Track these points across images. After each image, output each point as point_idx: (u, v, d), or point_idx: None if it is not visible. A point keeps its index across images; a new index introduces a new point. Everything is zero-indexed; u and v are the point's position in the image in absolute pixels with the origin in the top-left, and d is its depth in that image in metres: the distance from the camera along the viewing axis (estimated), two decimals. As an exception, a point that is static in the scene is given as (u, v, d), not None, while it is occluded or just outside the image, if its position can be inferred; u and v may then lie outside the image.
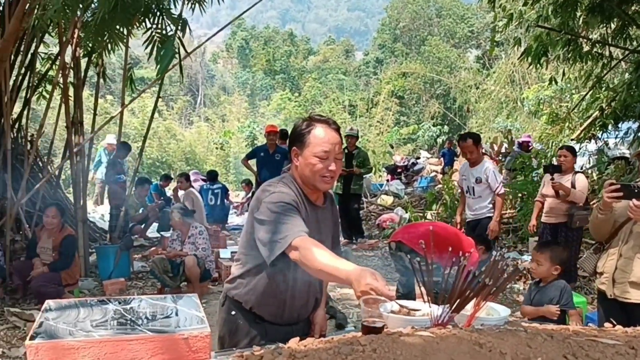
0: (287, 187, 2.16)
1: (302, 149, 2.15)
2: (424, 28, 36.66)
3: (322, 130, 2.14)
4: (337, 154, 2.15)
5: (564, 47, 9.03)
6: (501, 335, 1.59)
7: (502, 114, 22.57)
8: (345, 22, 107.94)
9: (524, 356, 1.47)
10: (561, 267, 3.80)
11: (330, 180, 2.16)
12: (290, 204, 2.06)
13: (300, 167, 2.17)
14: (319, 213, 2.25)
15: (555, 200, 6.15)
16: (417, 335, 1.54)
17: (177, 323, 1.95)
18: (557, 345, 1.61)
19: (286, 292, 2.19)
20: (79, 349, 1.75)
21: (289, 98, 30.51)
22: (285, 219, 2.00)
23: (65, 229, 6.03)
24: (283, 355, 1.33)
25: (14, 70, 7.63)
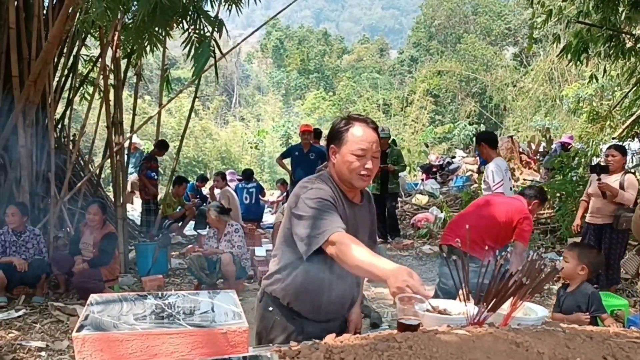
0: (325, 184, 2.19)
1: (339, 147, 2.17)
2: (460, 26, 36.18)
3: (360, 128, 2.16)
4: (374, 153, 2.16)
5: (605, 43, 8.78)
6: (539, 335, 1.58)
7: (540, 113, 22.16)
8: (379, 21, 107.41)
9: (562, 356, 1.46)
10: (589, 270, 3.60)
11: (367, 178, 2.17)
12: (328, 200, 2.09)
13: (337, 164, 2.19)
14: (356, 210, 2.26)
15: (602, 200, 5.95)
16: (453, 333, 1.54)
17: (215, 318, 2.00)
18: (597, 346, 1.59)
19: (323, 288, 2.21)
20: (123, 341, 1.81)
21: (323, 97, 30.57)
22: (322, 214, 2.03)
23: (107, 226, 6.19)
24: (320, 350, 1.35)
25: (57, 72, 7.90)
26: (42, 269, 5.88)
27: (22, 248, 5.92)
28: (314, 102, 29.73)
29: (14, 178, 6.75)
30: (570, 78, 20.20)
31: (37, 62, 6.14)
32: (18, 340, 4.78)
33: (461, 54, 31.49)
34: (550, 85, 21.22)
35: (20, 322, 5.24)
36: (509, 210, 4.39)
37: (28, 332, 5.04)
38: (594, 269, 3.70)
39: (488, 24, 34.78)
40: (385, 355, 1.35)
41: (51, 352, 4.64)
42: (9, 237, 5.88)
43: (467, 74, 28.53)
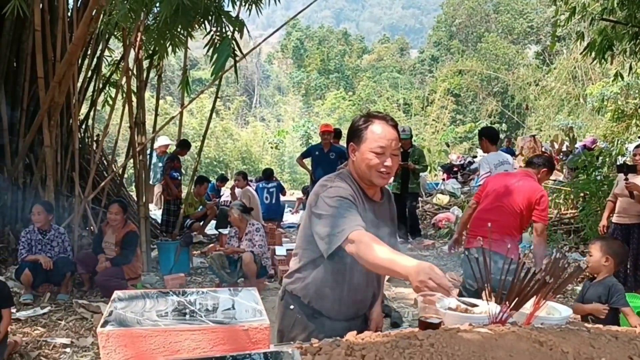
0: (344, 182, 2.18)
1: (359, 145, 2.17)
2: (481, 24, 35.86)
3: (379, 126, 2.16)
4: (393, 150, 2.15)
5: (630, 40, 8.60)
6: (562, 334, 1.56)
7: (563, 112, 21.87)
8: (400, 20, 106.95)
9: (586, 356, 1.44)
10: (614, 260, 3.61)
11: (387, 176, 2.17)
12: (348, 199, 2.09)
13: (357, 162, 2.19)
14: (376, 208, 2.26)
15: (629, 200, 5.87)
16: (475, 331, 1.53)
17: (237, 315, 2.01)
18: (622, 346, 1.56)
19: (343, 286, 2.21)
20: (146, 337, 1.83)
21: (343, 97, 30.53)
22: (342, 213, 2.02)
23: (128, 225, 6.25)
24: (341, 347, 1.36)
25: (81, 74, 8.03)
26: (67, 267, 5.96)
27: (48, 246, 6.02)
28: (334, 102, 29.70)
29: (40, 178, 6.88)
30: (595, 76, 19.90)
31: (61, 64, 6.24)
32: (43, 337, 4.86)
33: (482, 53, 31.20)
34: (574, 84, 20.93)
35: (45, 319, 5.33)
36: (527, 193, 4.44)
37: (53, 329, 5.13)
38: (619, 259, 3.71)
39: (510, 22, 34.39)
40: (406, 353, 1.35)
41: (76, 348, 4.71)
42: (34, 236, 5.98)
43: (489, 73, 28.27)
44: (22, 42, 7.03)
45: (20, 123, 7.03)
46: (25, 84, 7.03)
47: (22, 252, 5.90)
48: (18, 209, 6.98)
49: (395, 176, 8.80)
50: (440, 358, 1.34)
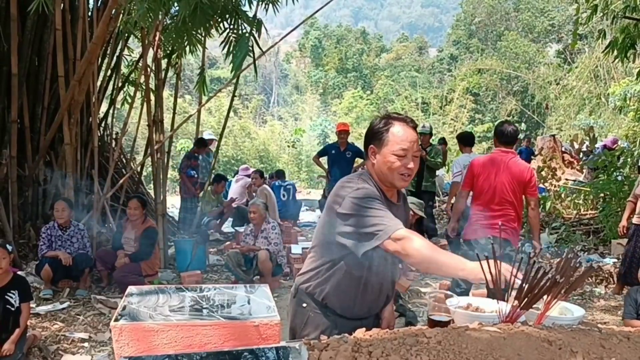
0: (367, 183, 2.19)
1: (380, 147, 2.17)
2: (501, 23, 35.49)
3: (400, 128, 2.15)
4: (414, 152, 2.16)
5: (654, 38, 8.46)
6: (573, 334, 1.55)
7: (585, 111, 21.58)
8: (418, 19, 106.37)
9: (596, 356, 1.43)
10: None
11: (408, 178, 2.18)
12: (377, 199, 2.10)
13: (377, 164, 2.19)
14: (394, 210, 2.24)
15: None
16: (484, 330, 1.53)
17: (249, 311, 2.03)
18: (634, 347, 1.55)
19: (359, 286, 2.21)
20: (158, 331, 1.86)
21: (360, 96, 30.47)
22: (377, 212, 2.03)
23: (148, 221, 6.34)
24: (348, 343, 1.36)
25: (100, 73, 8.14)
26: (86, 263, 6.05)
27: (67, 242, 6.11)
28: (352, 101, 29.66)
29: (60, 175, 6.99)
30: (617, 75, 19.58)
31: (81, 63, 6.34)
32: (62, 332, 4.95)
33: (502, 52, 30.91)
34: (596, 83, 20.62)
35: (64, 314, 5.42)
36: (518, 174, 4.69)
37: (72, 323, 5.21)
38: None
39: (530, 20, 33.98)
40: (413, 350, 1.35)
41: (94, 343, 4.79)
42: (55, 232, 6.08)
43: (509, 72, 28.01)
44: (43, 41, 7.15)
45: (41, 121, 7.15)
46: (46, 82, 7.16)
47: (42, 247, 6.00)
48: (39, 206, 7.11)
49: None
50: (447, 356, 1.34)
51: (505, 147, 4.85)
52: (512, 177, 4.68)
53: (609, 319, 5.61)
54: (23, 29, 6.95)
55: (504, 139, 4.85)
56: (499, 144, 4.91)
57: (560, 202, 9.98)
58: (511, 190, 4.68)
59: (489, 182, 4.77)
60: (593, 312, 5.91)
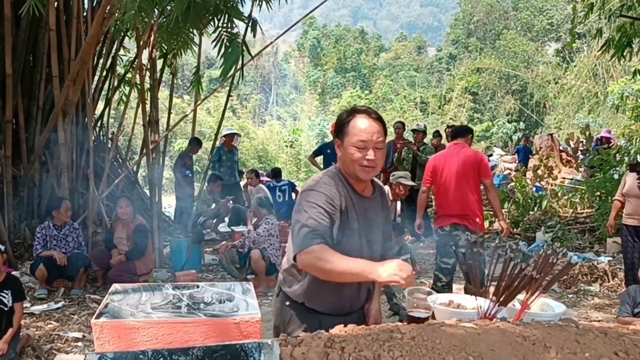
0: (331, 179, 2.19)
1: (343, 140, 2.18)
2: (500, 22, 35.49)
3: (361, 120, 2.16)
4: (376, 144, 2.14)
5: (649, 37, 8.45)
6: (549, 330, 1.56)
7: (583, 110, 21.58)
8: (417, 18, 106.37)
9: (569, 351, 1.43)
10: None
11: (371, 170, 2.16)
12: (323, 207, 2.08)
13: (342, 157, 2.21)
14: (367, 204, 2.25)
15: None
16: (460, 326, 1.53)
17: (231, 308, 2.03)
18: (609, 342, 1.55)
19: (334, 284, 2.17)
20: (139, 329, 1.86)
21: (359, 96, 30.44)
22: (311, 222, 2.04)
23: (137, 218, 6.35)
24: (322, 339, 1.37)
25: (96, 72, 8.14)
26: (81, 262, 6.05)
27: (63, 242, 6.11)
28: (350, 100, 29.60)
29: (55, 175, 6.99)
30: (616, 74, 19.58)
31: (75, 62, 6.34)
32: (56, 331, 4.95)
33: (501, 51, 30.91)
34: (594, 82, 20.62)
35: (58, 314, 5.43)
36: (470, 159, 5.19)
37: (66, 323, 5.21)
38: None
39: (529, 19, 33.98)
40: (386, 345, 1.35)
41: (87, 342, 4.79)
42: (50, 232, 6.08)
43: (507, 71, 28.00)
44: (37, 41, 7.15)
45: (36, 121, 7.15)
46: (41, 82, 7.16)
47: (37, 247, 5.99)
48: (34, 205, 7.11)
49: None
50: (420, 351, 1.34)
51: (457, 140, 5.43)
52: (465, 163, 5.17)
53: (602, 317, 5.61)
54: (17, 29, 6.95)
55: (454, 135, 5.57)
56: (452, 140, 5.57)
57: (556, 200, 9.98)
58: (467, 176, 5.16)
59: (447, 173, 5.25)
60: (587, 310, 5.91)
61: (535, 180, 10.93)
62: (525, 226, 9.06)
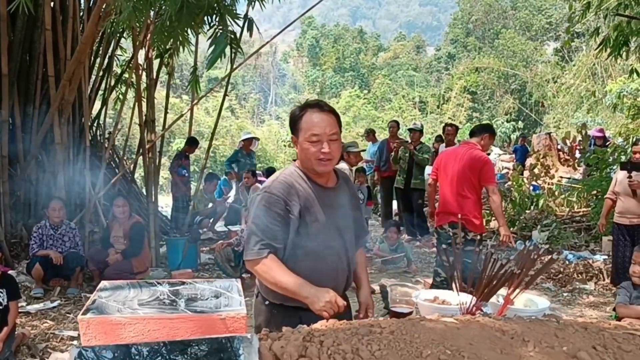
0: (287, 177, 2.23)
1: (297, 136, 2.20)
2: (498, 21, 35.49)
3: (313, 114, 2.17)
4: (330, 136, 2.15)
5: (646, 36, 8.44)
6: (528, 325, 1.57)
7: (582, 109, 21.57)
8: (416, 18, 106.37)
9: (547, 344, 1.45)
10: None
11: (327, 162, 2.18)
12: (272, 209, 2.13)
13: (299, 153, 2.24)
14: (332, 193, 2.27)
15: (632, 199, 5.67)
16: (440, 321, 1.55)
17: (218, 305, 2.05)
18: (589, 337, 1.57)
19: (306, 277, 2.17)
20: (125, 324, 1.88)
21: (358, 95, 30.44)
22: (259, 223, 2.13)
23: (133, 217, 6.39)
24: (302, 333, 1.39)
25: (93, 72, 8.16)
26: (77, 261, 6.07)
27: (59, 241, 6.12)
28: (349, 100, 29.63)
29: (51, 174, 7.01)
30: (615, 73, 19.58)
31: (71, 62, 6.36)
32: (51, 330, 4.97)
33: (499, 50, 30.93)
34: (593, 81, 20.62)
35: (54, 313, 5.45)
36: (470, 162, 5.13)
37: (62, 322, 5.24)
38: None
39: (528, 18, 34.00)
40: (365, 339, 1.37)
41: (82, 341, 4.81)
42: (46, 231, 6.10)
43: (506, 70, 27.99)
44: (34, 41, 7.16)
45: (33, 120, 7.16)
46: (37, 82, 7.17)
47: (34, 246, 6.02)
48: (31, 205, 7.13)
49: (400, 171, 8.78)
50: (398, 345, 1.36)
51: (469, 139, 5.42)
52: (466, 165, 5.15)
53: (597, 315, 5.63)
54: (13, 29, 6.96)
55: (470, 134, 5.47)
56: (470, 137, 5.49)
57: (553, 199, 10.00)
58: (465, 177, 5.14)
59: (448, 171, 5.29)
60: (582, 308, 5.92)
61: (532, 179, 10.95)
62: (521, 225, 9.07)
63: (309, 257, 2.17)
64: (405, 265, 7.24)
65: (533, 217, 9.13)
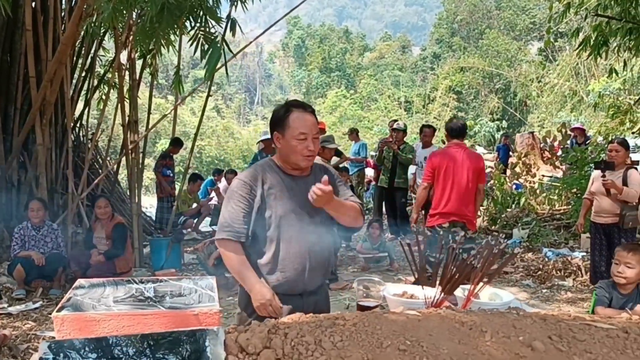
0: (257, 166, 2.45)
1: (283, 133, 2.37)
2: (483, 21, 35.74)
3: (299, 114, 2.37)
4: (314, 135, 2.37)
5: (624, 36, 8.56)
6: (488, 317, 1.64)
7: (566, 108, 21.80)
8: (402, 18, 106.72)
9: (503, 334, 1.51)
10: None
11: (311, 158, 2.39)
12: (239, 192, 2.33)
13: (283, 149, 2.39)
14: (300, 182, 2.40)
15: (606, 198, 5.69)
16: (403, 313, 1.61)
17: (190, 301, 2.09)
18: (546, 327, 1.63)
19: (274, 265, 2.32)
20: (100, 321, 1.92)
21: (344, 95, 30.57)
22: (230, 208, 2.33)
23: (116, 217, 6.37)
24: (267, 326, 1.44)
25: (75, 73, 8.13)
26: (60, 262, 6.06)
27: (41, 242, 6.11)
28: (335, 100, 29.75)
29: (33, 175, 6.99)
30: (597, 73, 19.82)
31: (52, 63, 6.34)
32: (33, 331, 4.95)
33: (484, 50, 31.16)
34: (577, 80, 20.85)
35: (36, 314, 5.42)
36: (473, 163, 5.27)
37: (43, 322, 5.21)
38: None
39: (512, 18, 34.29)
40: (328, 331, 1.42)
41: (64, 341, 4.80)
42: (28, 232, 6.08)
43: (491, 70, 28.20)
44: (14, 41, 7.13)
45: (14, 122, 7.13)
46: (18, 83, 7.14)
47: (15, 247, 6.00)
48: (12, 207, 7.10)
49: (384, 170, 8.85)
50: (359, 336, 1.41)
51: (457, 140, 5.41)
52: (470, 166, 5.24)
53: (574, 310, 5.72)
54: (-6, 30, 6.93)
55: (454, 133, 5.43)
56: (451, 138, 5.46)
57: (534, 198, 10.13)
58: (469, 179, 5.25)
59: (449, 173, 5.30)
60: (560, 304, 6.02)
61: (513, 177, 11.07)
62: (502, 223, 9.18)
63: (275, 239, 2.31)
64: (388, 264, 7.31)
65: (514, 216, 9.25)
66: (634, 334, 1.63)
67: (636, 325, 1.72)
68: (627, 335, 1.63)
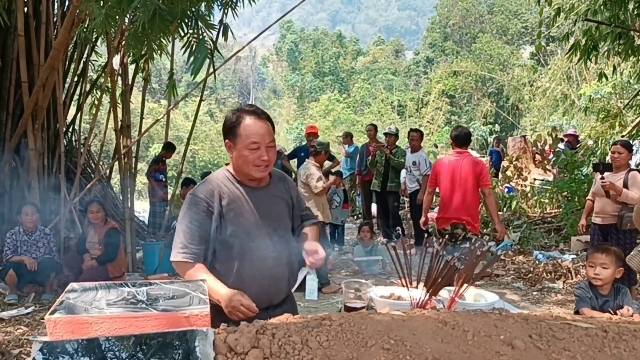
0: (211, 180, 2.27)
1: (234, 142, 2.21)
2: (475, 25, 36.01)
3: (250, 121, 2.18)
4: (268, 143, 2.20)
5: (614, 41, 8.68)
6: (471, 317, 1.68)
7: (558, 112, 21.96)
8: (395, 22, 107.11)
9: (485, 333, 1.55)
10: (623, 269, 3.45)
11: (265, 169, 2.23)
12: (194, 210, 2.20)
13: (235, 159, 2.24)
14: (259, 194, 2.29)
15: (606, 200, 5.75)
16: (388, 314, 1.65)
17: (181, 304, 2.12)
18: (527, 327, 1.68)
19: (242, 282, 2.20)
20: (92, 323, 1.94)
21: (337, 99, 30.64)
22: (183, 225, 2.20)
23: (109, 222, 6.40)
24: (255, 327, 1.48)
25: (67, 78, 8.15)
26: (52, 267, 6.08)
27: (33, 247, 6.13)
28: (329, 104, 29.81)
29: (26, 180, 6.99)
30: (589, 77, 19.98)
31: (44, 68, 6.36)
32: (25, 336, 4.96)
33: (477, 54, 31.35)
34: (568, 84, 21.00)
35: (29, 319, 5.44)
36: (471, 168, 5.61)
37: (36, 327, 5.23)
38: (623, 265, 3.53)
39: (504, 23, 34.55)
40: (314, 331, 1.46)
41: (57, 345, 4.81)
42: (20, 237, 6.10)
43: (483, 74, 28.37)
44: (7, 47, 7.15)
45: (6, 127, 7.15)
46: (10, 88, 7.16)
47: (7, 252, 6.02)
48: (4, 212, 7.10)
49: (377, 174, 8.90)
50: (345, 336, 1.46)
51: (460, 149, 5.76)
52: (468, 172, 5.60)
53: (564, 312, 5.78)
54: (-15, 36, 6.95)
55: (459, 142, 5.77)
56: (456, 147, 5.81)
57: (526, 201, 10.21)
58: (467, 184, 5.59)
59: (450, 180, 5.66)
60: (550, 306, 6.08)
61: (505, 181, 11.15)
62: (494, 226, 9.24)
63: (239, 256, 2.21)
64: (381, 267, 7.35)
65: (506, 219, 9.32)
66: (612, 333, 1.67)
67: (615, 325, 1.77)
68: (605, 334, 1.67)
